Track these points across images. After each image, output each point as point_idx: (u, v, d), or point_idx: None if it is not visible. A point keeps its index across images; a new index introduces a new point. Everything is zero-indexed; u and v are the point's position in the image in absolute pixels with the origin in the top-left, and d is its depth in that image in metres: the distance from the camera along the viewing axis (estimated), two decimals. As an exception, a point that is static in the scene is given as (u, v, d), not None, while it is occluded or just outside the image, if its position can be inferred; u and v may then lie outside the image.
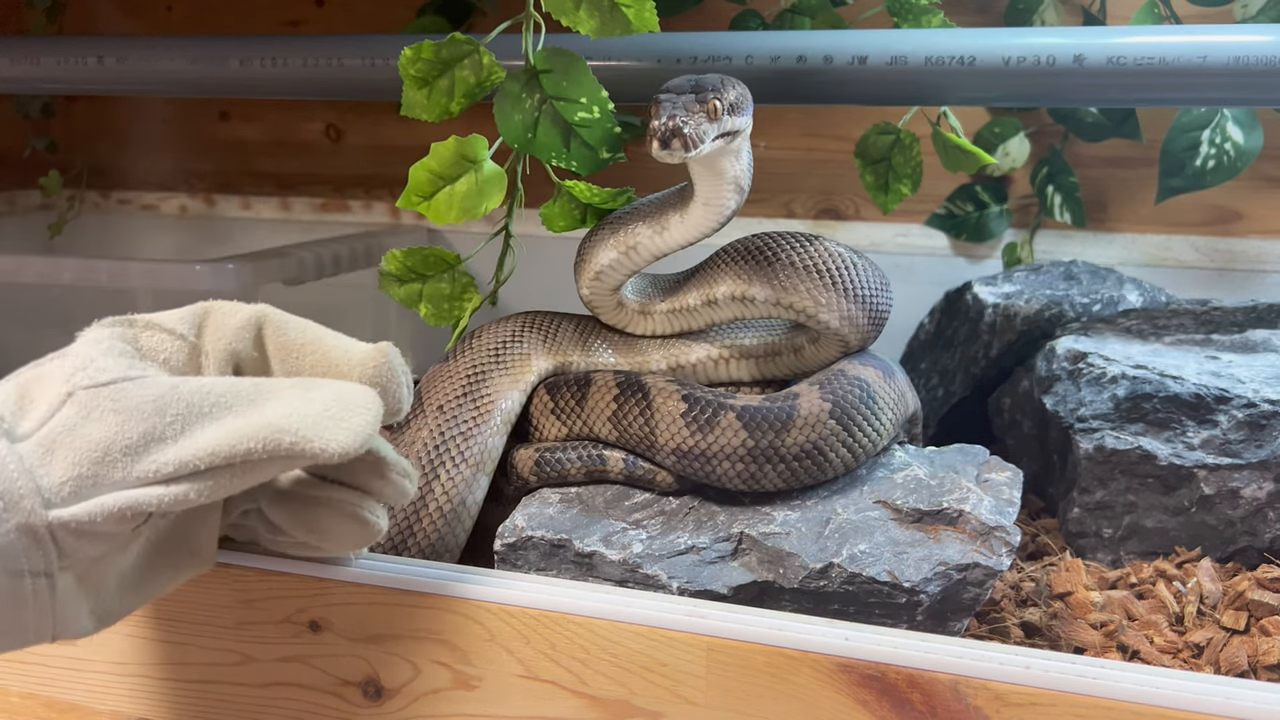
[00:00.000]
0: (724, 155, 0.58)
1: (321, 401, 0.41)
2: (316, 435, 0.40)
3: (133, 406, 0.39)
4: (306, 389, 0.42)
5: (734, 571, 0.56)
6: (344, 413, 0.41)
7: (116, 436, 0.39)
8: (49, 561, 0.38)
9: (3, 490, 0.37)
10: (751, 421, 0.59)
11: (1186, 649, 0.59)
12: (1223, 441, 0.65)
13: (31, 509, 0.37)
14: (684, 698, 0.48)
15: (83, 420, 0.39)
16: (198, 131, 1.31)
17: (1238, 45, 0.64)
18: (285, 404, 0.41)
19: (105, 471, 0.38)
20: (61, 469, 0.38)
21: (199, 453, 0.39)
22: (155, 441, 0.39)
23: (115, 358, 0.41)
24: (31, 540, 0.38)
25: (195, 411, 0.40)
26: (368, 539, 0.46)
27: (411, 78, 0.62)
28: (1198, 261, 1.01)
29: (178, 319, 0.44)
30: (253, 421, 0.40)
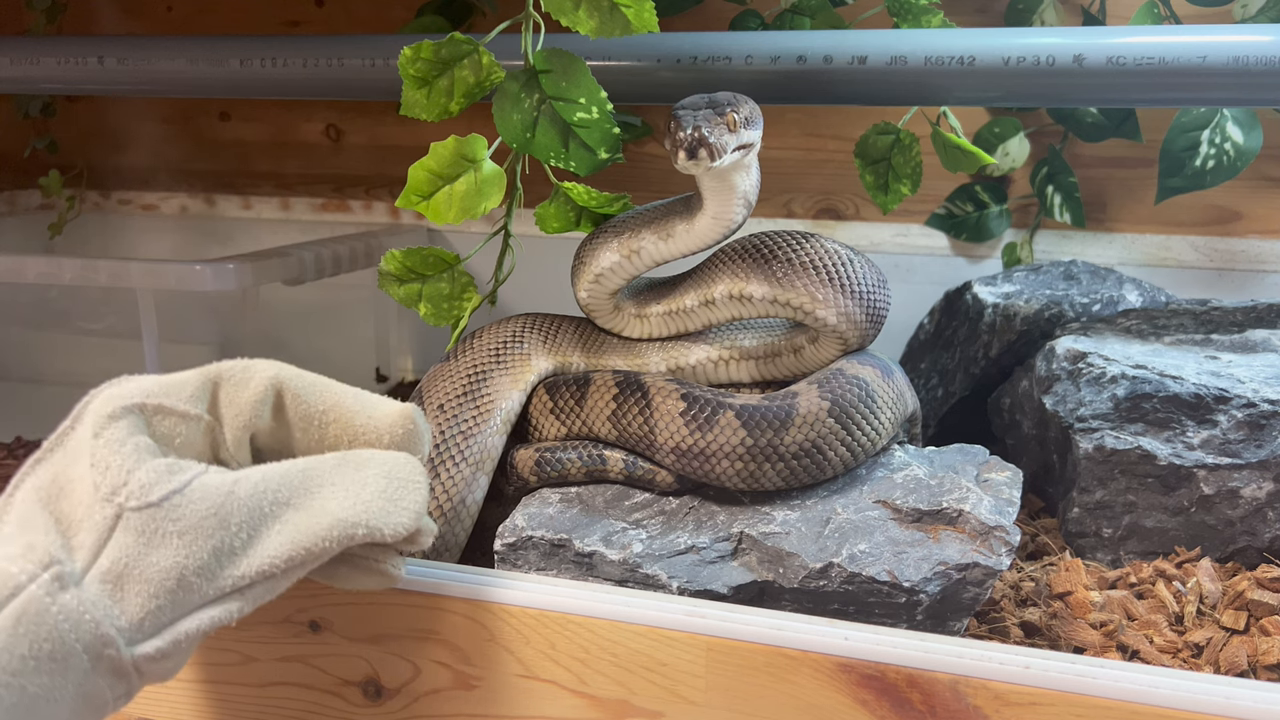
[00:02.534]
0: (737, 169, 0.59)
1: (376, 484, 0.42)
2: (384, 523, 0.41)
3: (195, 524, 0.38)
4: (357, 468, 0.42)
5: (734, 571, 0.56)
6: (400, 493, 0.42)
7: (188, 560, 0.38)
8: (130, 686, 0.39)
9: (87, 645, 0.36)
10: (750, 420, 0.59)
11: (1186, 649, 0.59)
12: (1222, 441, 0.65)
13: (116, 654, 0.37)
14: (684, 697, 0.48)
15: (145, 548, 0.38)
16: (198, 131, 1.31)
17: (1237, 45, 0.64)
18: (344, 494, 0.41)
19: (183, 597, 0.38)
20: (137, 604, 0.37)
21: (275, 559, 0.39)
22: (227, 555, 0.39)
23: (149, 466, 0.39)
24: (117, 676, 0.38)
25: (258, 515, 0.39)
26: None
27: (411, 77, 0.63)
28: (1197, 261, 1.01)
29: (188, 396, 0.42)
30: (320, 519, 0.40)
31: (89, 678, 0.37)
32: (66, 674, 0.36)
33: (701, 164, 0.55)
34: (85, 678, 0.37)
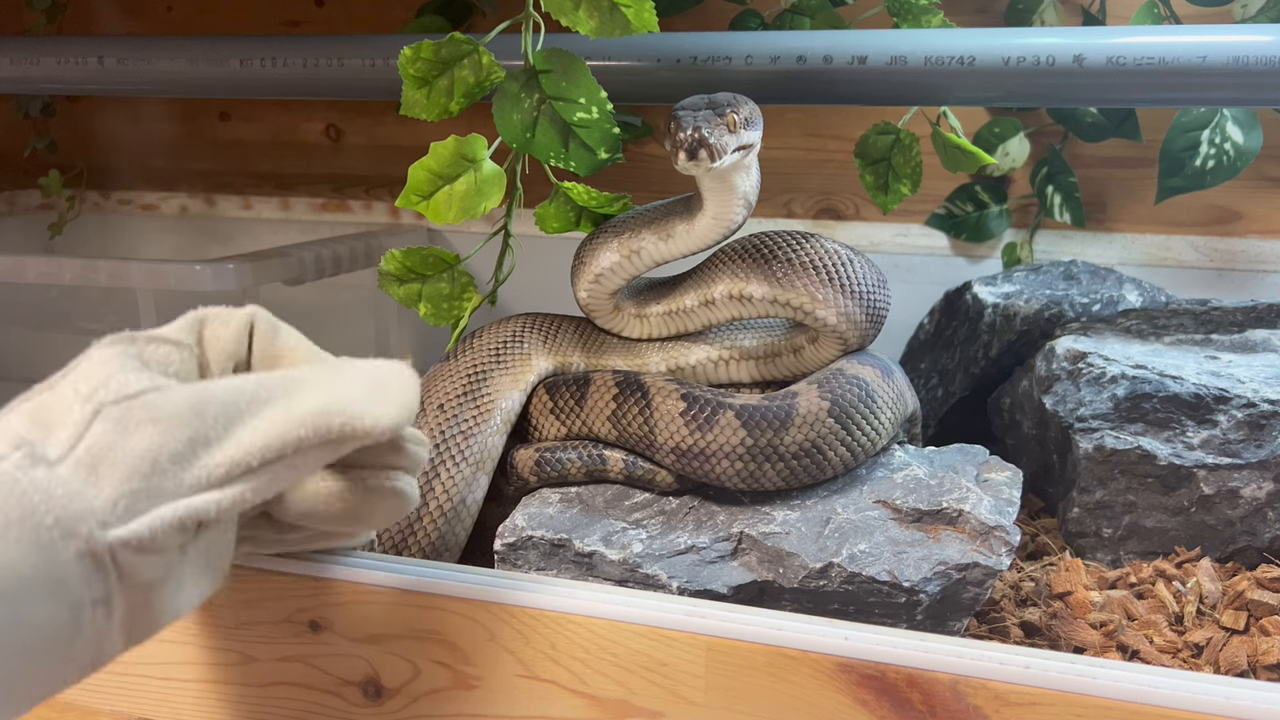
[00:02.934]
0: (737, 170, 0.59)
1: (357, 380, 0.40)
2: (366, 412, 0.39)
3: (170, 414, 0.38)
4: (338, 370, 0.41)
5: (734, 571, 0.56)
6: (383, 389, 0.41)
7: (162, 446, 0.37)
8: (109, 587, 0.36)
9: (59, 516, 0.35)
10: (750, 420, 0.59)
11: (1186, 649, 0.59)
12: (1222, 441, 0.65)
13: (89, 533, 0.35)
14: (684, 697, 0.48)
15: (120, 435, 0.37)
16: (198, 131, 1.31)
17: (1237, 45, 0.64)
18: (323, 388, 0.40)
19: (158, 483, 0.37)
20: (111, 487, 0.36)
21: (250, 449, 0.38)
22: (201, 445, 0.38)
23: (133, 372, 0.39)
24: (93, 566, 0.36)
25: (233, 409, 0.39)
26: (407, 508, 0.44)
27: (411, 77, 0.63)
28: (1197, 261, 1.01)
29: (177, 329, 0.44)
30: (296, 409, 0.39)
31: (60, 560, 0.35)
32: (35, 549, 0.34)
33: (701, 165, 0.55)
34: (55, 557, 0.35)
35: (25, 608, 0.34)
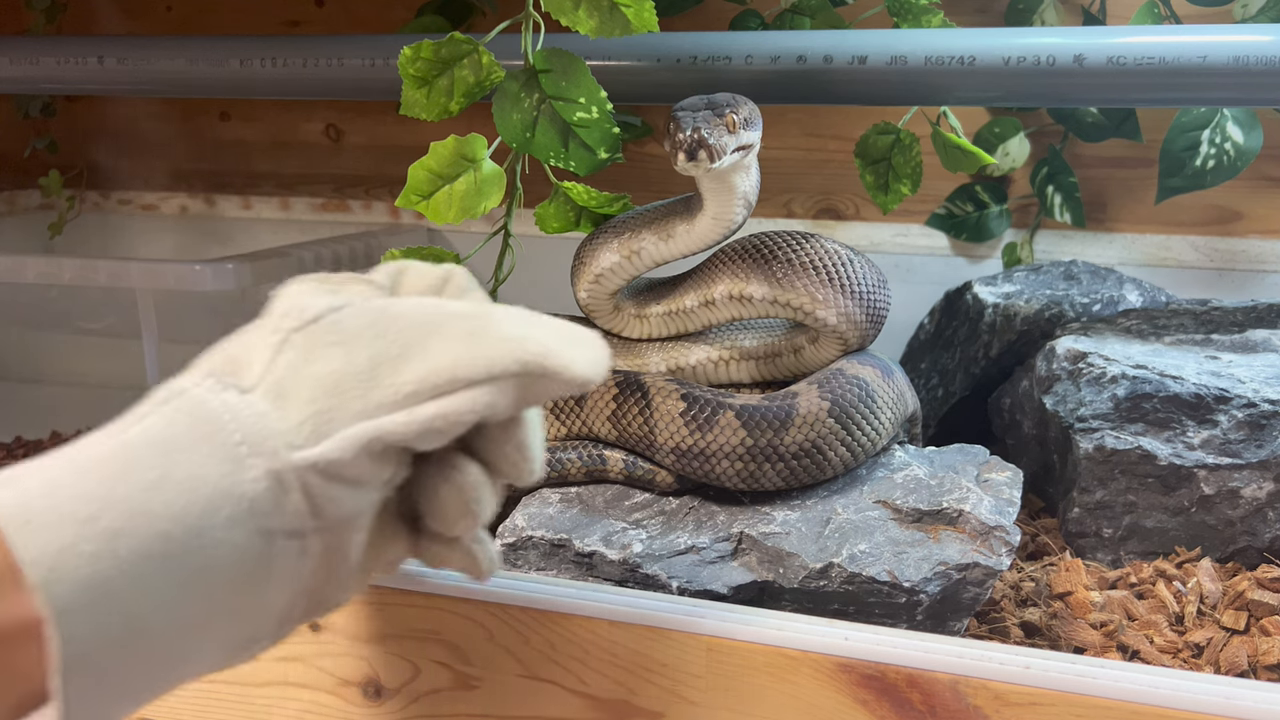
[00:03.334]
0: (736, 170, 0.59)
1: (553, 328, 0.38)
2: (563, 351, 0.36)
3: (352, 334, 0.36)
4: (533, 315, 0.38)
5: (734, 571, 0.56)
6: (579, 341, 0.38)
7: (345, 366, 0.36)
8: (301, 518, 0.34)
9: (246, 435, 0.34)
10: (750, 420, 0.59)
11: (1186, 649, 0.58)
12: (1223, 441, 0.65)
13: (276, 451, 0.34)
14: (684, 697, 0.48)
15: (305, 360, 0.36)
16: (198, 131, 1.31)
17: (1238, 45, 0.64)
18: (519, 323, 0.37)
19: (342, 403, 0.35)
20: (297, 409, 0.35)
21: (439, 367, 0.35)
22: (385, 364, 0.36)
23: (316, 296, 0.38)
24: (280, 489, 0.34)
25: (418, 328, 0.37)
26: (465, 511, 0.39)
27: (411, 77, 0.62)
28: (1197, 261, 1.01)
29: (376, 273, 0.42)
30: (492, 335, 0.36)
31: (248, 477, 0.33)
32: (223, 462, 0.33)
33: (701, 165, 0.55)
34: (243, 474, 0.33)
35: (217, 525, 0.33)
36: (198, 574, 0.32)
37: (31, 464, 0.33)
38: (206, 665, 0.35)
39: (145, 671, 0.33)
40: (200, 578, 0.33)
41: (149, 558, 0.31)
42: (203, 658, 0.35)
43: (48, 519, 0.31)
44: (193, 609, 0.33)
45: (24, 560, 0.30)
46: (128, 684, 0.32)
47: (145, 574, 0.31)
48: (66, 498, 0.31)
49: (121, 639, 0.31)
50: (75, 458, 0.33)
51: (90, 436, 0.34)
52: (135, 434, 0.34)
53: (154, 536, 0.32)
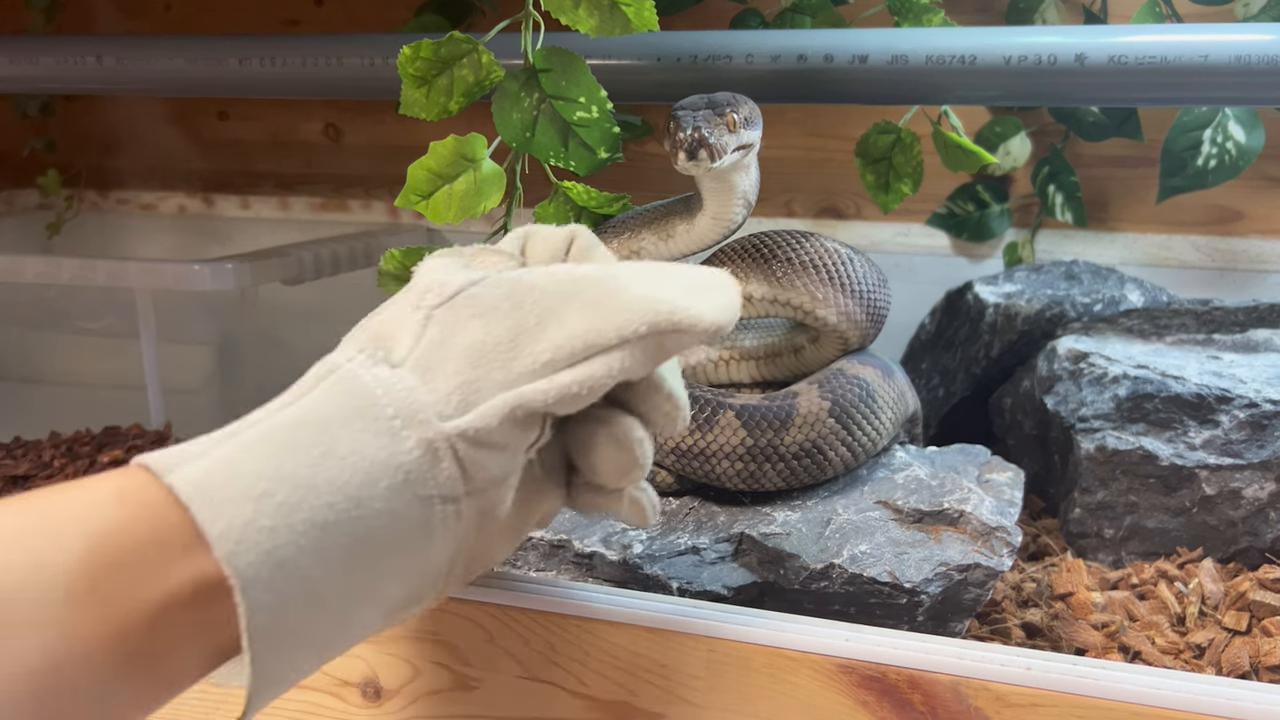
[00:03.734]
0: (736, 169, 0.58)
1: (679, 279, 0.39)
2: (691, 305, 0.38)
3: (489, 306, 0.38)
4: (659, 270, 0.40)
5: (734, 572, 0.56)
6: (707, 289, 0.39)
7: (486, 338, 0.38)
8: (454, 484, 0.37)
9: (397, 409, 0.36)
10: (750, 420, 0.59)
11: (1188, 650, 0.58)
12: (1224, 442, 0.65)
13: (428, 422, 0.36)
14: (684, 699, 0.48)
15: (449, 334, 0.38)
16: (196, 131, 1.31)
17: (1239, 44, 0.64)
18: (647, 282, 0.39)
19: (485, 374, 0.37)
20: (444, 382, 0.37)
21: (574, 334, 0.37)
22: (523, 334, 0.38)
23: (453, 272, 0.40)
24: (434, 458, 0.36)
25: (552, 297, 0.38)
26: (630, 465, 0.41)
27: (410, 76, 0.62)
28: (1199, 261, 1.01)
29: (504, 243, 0.44)
30: (620, 299, 0.38)
31: (403, 448, 0.36)
32: (379, 435, 0.35)
33: (701, 165, 0.54)
34: (398, 445, 0.36)
35: (378, 495, 0.35)
36: (363, 541, 0.35)
37: (198, 444, 0.35)
38: (375, 625, 0.38)
39: (322, 633, 0.35)
40: (365, 545, 0.35)
41: (319, 528, 0.34)
42: (372, 618, 0.37)
43: (228, 496, 0.33)
44: (361, 574, 0.35)
45: (210, 536, 0.32)
46: (308, 644, 0.35)
47: (316, 544, 0.34)
48: (241, 475, 0.33)
49: (299, 605, 0.34)
50: (242, 437, 0.35)
51: (251, 415, 0.37)
52: (294, 412, 0.36)
53: (322, 508, 0.34)
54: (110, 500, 0.33)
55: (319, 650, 0.36)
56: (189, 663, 0.34)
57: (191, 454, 0.34)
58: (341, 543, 0.34)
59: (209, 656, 0.34)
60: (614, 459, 0.41)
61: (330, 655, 0.37)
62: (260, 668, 0.33)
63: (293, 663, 0.35)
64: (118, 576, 0.31)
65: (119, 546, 0.32)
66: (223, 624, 0.33)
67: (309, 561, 0.34)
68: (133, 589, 0.32)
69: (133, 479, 0.34)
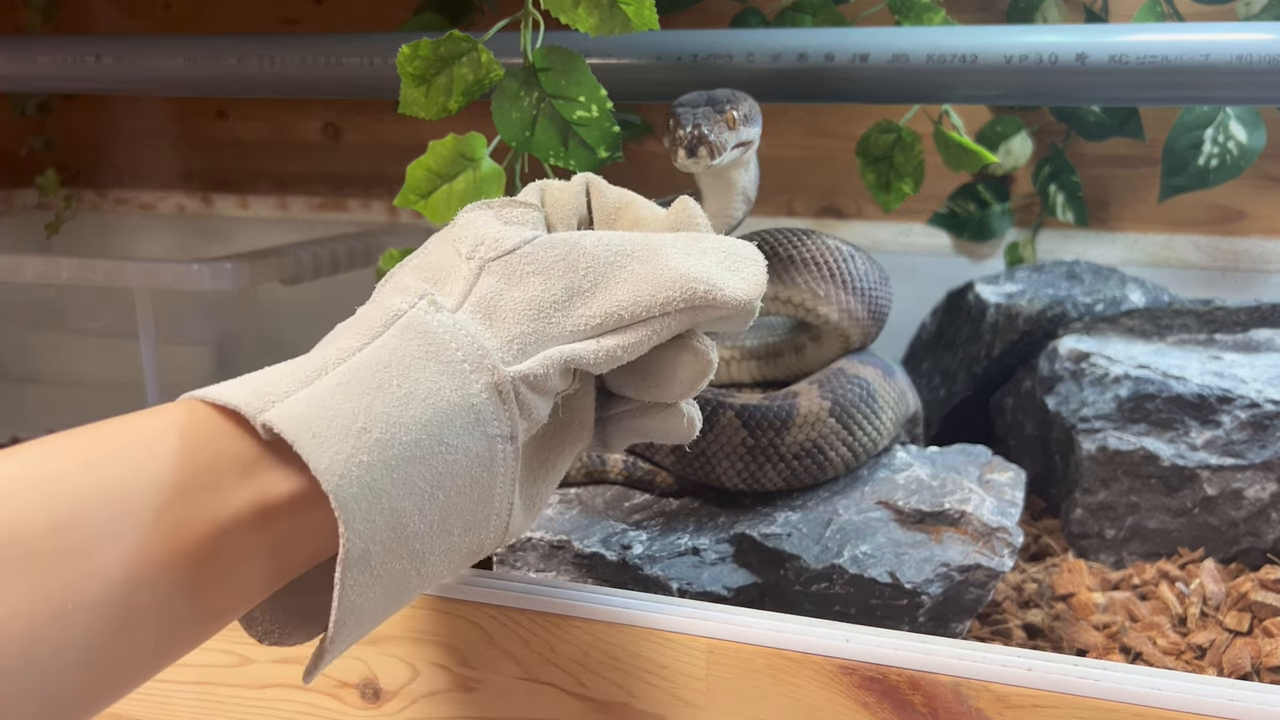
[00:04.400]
0: (736, 166, 0.58)
1: (714, 254, 0.42)
2: (725, 283, 0.41)
3: (548, 264, 0.41)
4: (696, 243, 0.43)
5: (734, 573, 0.56)
6: (738, 264, 0.43)
7: (544, 294, 0.40)
8: (514, 422, 0.39)
9: (466, 354, 0.39)
10: (751, 420, 0.58)
11: (1189, 650, 0.58)
12: (1226, 442, 0.65)
13: (494, 367, 0.39)
14: (684, 700, 0.47)
15: (506, 286, 0.41)
16: (195, 130, 1.30)
17: (1241, 43, 0.64)
18: (685, 256, 0.42)
19: (542, 327, 0.40)
20: (504, 329, 0.40)
21: (623, 303, 0.41)
22: (577, 295, 0.41)
23: (505, 228, 0.43)
24: (499, 399, 0.39)
25: (603, 263, 0.41)
26: (704, 369, 0.44)
27: (409, 75, 0.62)
28: (1200, 261, 1.01)
29: (525, 194, 0.47)
30: (664, 272, 0.41)
31: (472, 390, 0.38)
32: (453, 378, 0.38)
33: (701, 162, 0.54)
34: (469, 388, 0.38)
35: (454, 433, 0.38)
36: (442, 477, 0.37)
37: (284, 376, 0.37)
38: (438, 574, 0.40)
39: (399, 573, 0.37)
40: (443, 480, 0.38)
41: (408, 463, 0.36)
42: (437, 566, 0.39)
43: (331, 433, 0.35)
44: (436, 513, 0.38)
45: (317, 469, 0.34)
46: (385, 583, 0.37)
47: (405, 479, 0.36)
48: (340, 414, 0.36)
49: (387, 539, 0.36)
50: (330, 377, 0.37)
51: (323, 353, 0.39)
52: (375, 353, 0.38)
53: (410, 444, 0.37)
54: (169, 431, 0.35)
55: (392, 593, 0.37)
56: (251, 583, 0.36)
57: (274, 393, 0.36)
58: (425, 477, 0.37)
59: (268, 578, 0.36)
60: (691, 366, 0.43)
61: (396, 604, 0.38)
62: (346, 602, 0.35)
63: (368, 603, 0.36)
64: (181, 501, 0.33)
65: (180, 474, 0.34)
66: (280, 548, 0.36)
67: (399, 493, 0.36)
68: (197, 511, 0.34)
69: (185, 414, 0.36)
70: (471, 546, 0.40)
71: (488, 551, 0.42)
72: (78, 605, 0.31)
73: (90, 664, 0.31)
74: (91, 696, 0.32)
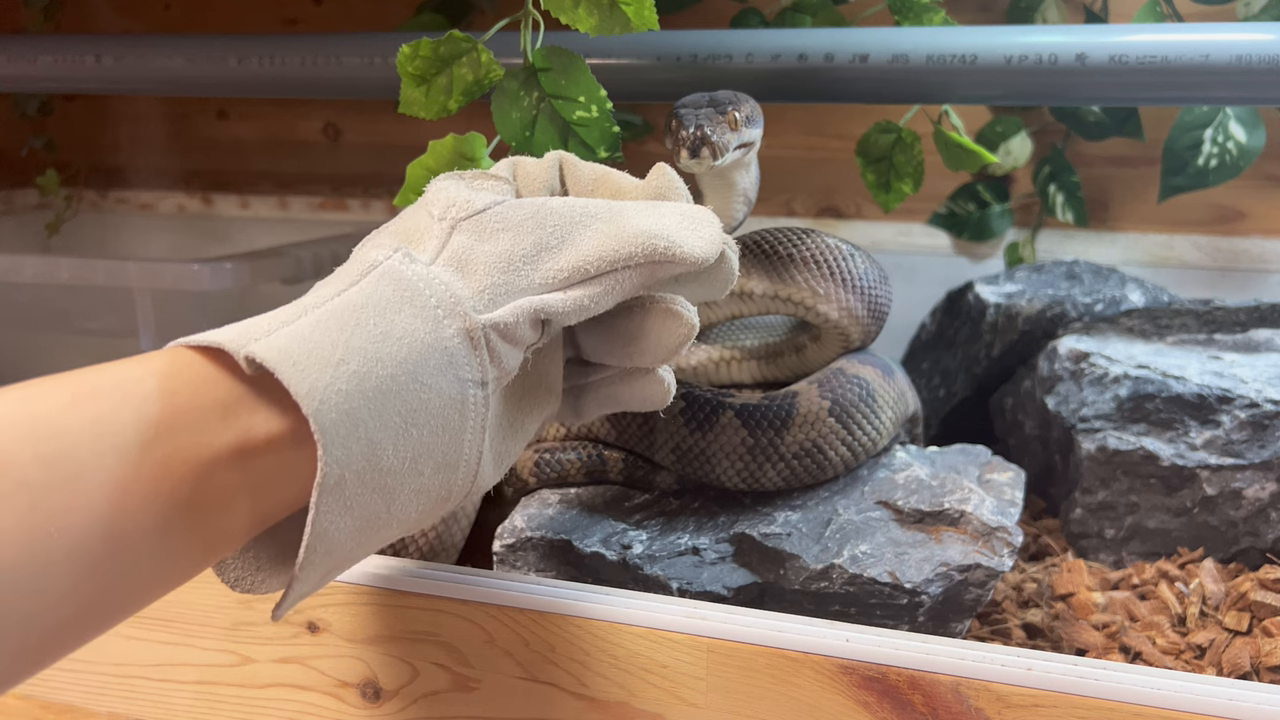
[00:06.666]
0: (737, 167, 0.58)
1: (673, 215, 0.45)
2: (684, 240, 0.43)
3: (517, 222, 0.43)
4: (654, 207, 0.45)
5: (734, 572, 0.56)
6: (695, 224, 0.45)
7: (513, 248, 0.43)
8: (485, 369, 0.41)
9: (440, 300, 0.40)
10: (750, 419, 0.59)
11: (1189, 650, 0.58)
12: (1225, 442, 0.65)
13: (466, 314, 0.41)
14: (684, 699, 0.48)
15: (478, 241, 0.43)
16: (195, 130, 1.30)
17: (1240, 44, 0.64)
18: (646, 216, 0.44)
19: (512, 279, 0.42)
20: (476, 279, 0.42)
21: (588, 256, 0.42)
22: (545, 250, 0.43)
23: (476, 193, 0.45)
24: (471, 345, 0.41)
25: (569, 222, 0.43)
26: (686, 333, 0.46)
27: (409, 75, 0.62)
28: (1200, 261, 1.01)
29: (496, 168, 0.48)
30: (625, 229, 0.43)
31: (446, 334, 0.40)
32: (427, 322, 0.40)
33: (704, 162, 0.54)
34: (442, 332, 0.40)
35: (428, 372, 0.39)
36: (415, 412, 0.39)
37: (268, 320, 0.39)
38: (409, 518, 0.40)
39: (370, 507, 0.38)
40: (416, 416, 0.39)
41: (384, 395, 0.38)
42: (407, 506, 0.40)
43: (311, 362, 0.37)
44: (410, 447, 0.39)
45: (298, 394, 0.36)
46: (358, 516, 0.38)
47: (380, 410, 0.38)
48: (320, 346, 0.37)
49: (362, 469, 0.37)
50: (310, 316, 0.39)
51: (303, 301, 0.41)
52: (354, 295, 0.40)
53: (386, 379, 0.38)
54: (153, 375, 0.36)
55: (363, 527, 0.38)
56: (235, 522, 0.37)
57: (265, 328, 0.38)
58: (399, 411, 0.38)
59: (250, 519, 0.37)
60: (674, 330, 0.46)
61: (366, 543, 0.39)
62: (318, 528, 0.36)
63: (340, 534, 0.37)
64: (165, 438, 0.34)
65: (162, 413, 0.35)
66: (260, 488, 0.37)
67: (374, 425, 0.37)
68: (179, 450, 0.35)
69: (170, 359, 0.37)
70: (441, 491, 0.41)
71: (455, 501, 0.43)
72: (63, 531, 0.32)
73: (76, 590, 0.33)
74: (80, 624, 0.34)
